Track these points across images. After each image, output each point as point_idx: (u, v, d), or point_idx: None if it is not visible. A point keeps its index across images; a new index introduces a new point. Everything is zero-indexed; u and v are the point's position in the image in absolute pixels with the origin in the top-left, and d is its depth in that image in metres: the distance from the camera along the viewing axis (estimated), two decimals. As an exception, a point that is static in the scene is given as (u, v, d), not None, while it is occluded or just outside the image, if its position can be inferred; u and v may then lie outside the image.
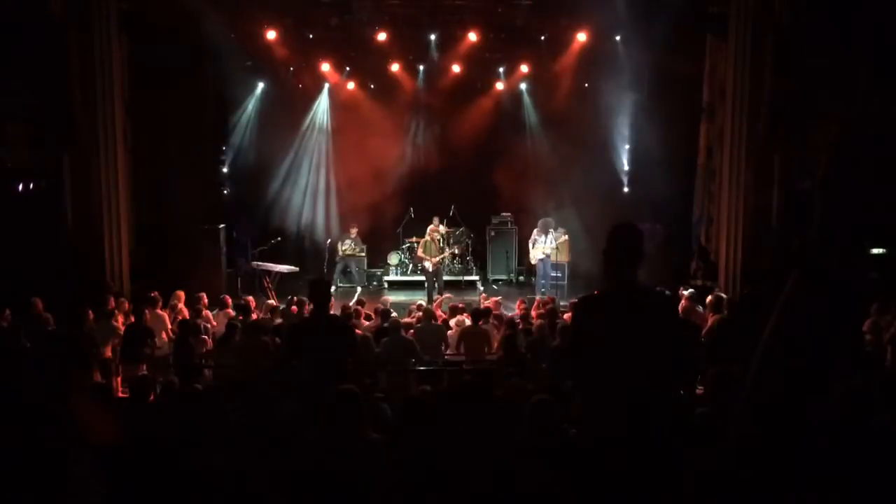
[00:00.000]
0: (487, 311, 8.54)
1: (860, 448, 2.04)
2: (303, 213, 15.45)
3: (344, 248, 13.71)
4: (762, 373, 2.02)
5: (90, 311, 8.17)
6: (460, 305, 9.55)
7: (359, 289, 13.29)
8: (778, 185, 10.35)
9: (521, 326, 7.90)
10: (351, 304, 9.89)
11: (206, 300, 9.42)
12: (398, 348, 6.92)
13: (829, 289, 2.00)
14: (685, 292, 9.34)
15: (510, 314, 9.27)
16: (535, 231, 13.01)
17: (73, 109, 10.20)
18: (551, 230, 12.80)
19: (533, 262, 13.14)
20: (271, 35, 13.03)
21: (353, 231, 13.98)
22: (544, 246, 12.72)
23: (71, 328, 7.50)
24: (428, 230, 12.79)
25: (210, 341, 8.14)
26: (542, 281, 12.94)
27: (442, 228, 12.83)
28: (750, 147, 10.46)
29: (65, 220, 10.30)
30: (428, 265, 12.44)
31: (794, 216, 10.04)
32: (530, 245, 13.11)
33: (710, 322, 7.92)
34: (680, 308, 8.64)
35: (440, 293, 12.26)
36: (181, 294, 9.44)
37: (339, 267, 13.67)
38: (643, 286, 3.08)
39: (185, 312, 8.95)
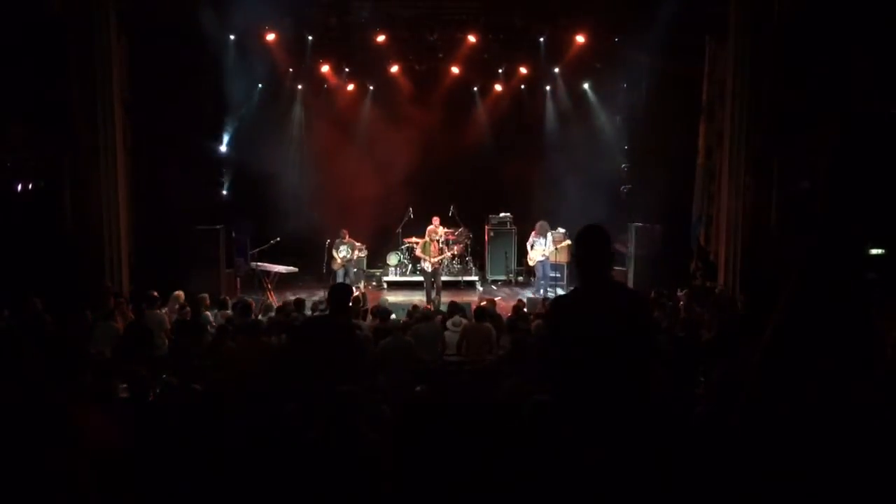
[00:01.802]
0: (490, 309, 8.54)
1: (862, 448, 2.04)
2: (302, 214, 15.44)
3: (341, 255, 13.26)
4: (764, 372, 2.02)
5: (89, 312, 8.17)
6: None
7: (354, 289, 13.13)
8: (777, 185, 10.35)
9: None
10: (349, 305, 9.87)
11: (207, 300, 9.41)
12: (398, 349, 6.91)
13: (830, 290, 2.01)
14: (680, 293, 9.36)
15: (508, 315, 9.26)
16: (532, 234, 13.03)
17: (72, 109, 10.19)
18: (549, 233, 12.82)
19: (531, 263, 13.15)
20: (270, 36, 13.04)
21: (346, 234, 13.47)
22: (543, 248, 12.73)
23: (70, 328, 7.50)
24: (427, 231, 12.79)
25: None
26: (542, 281, 12.94)
27: (441, 230, 12.73)
28: (749, 147, 10.46)
29: (64, 221, 10.29)
30: (427, 265, 12.43)
31: (793, 217, 10.04)
32: (528, 247, 13.12)
33: (709, 323, 7.92)
34: (681, 308, 8.65)
35: (438, 294, 12.24)
36: (181, 294, 9.43)
37: (339, 273, 13.31)
38: (615, 285, 3.12)
39: (185, 312, 8.94)
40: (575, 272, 3.21)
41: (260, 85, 14.57)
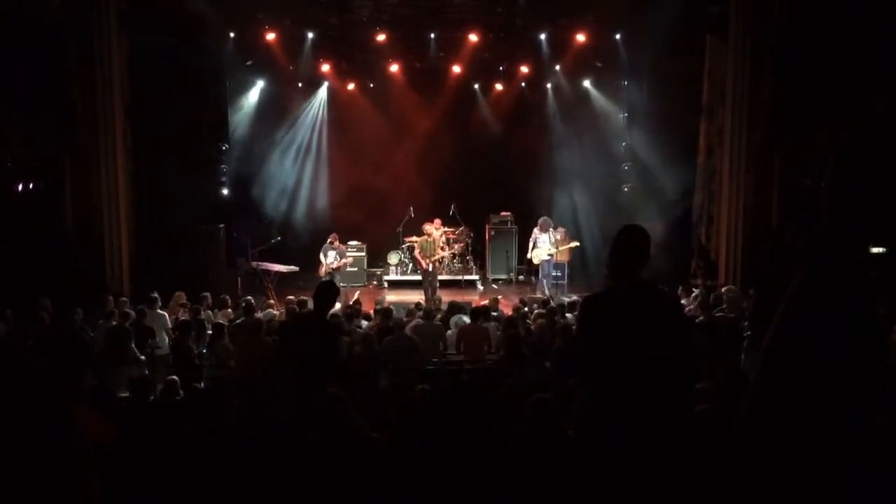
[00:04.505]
0: (486, 308, 8.53)
1: (863, 447, 2.04)
2: (302, 213, 15.44)
3: (328, 261, 12.48)
4: (766, 370, 2.02)
5: (90, 311, 8.18)
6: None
7: (357, 293, 12.82)
8: (777, 184, 10.36)
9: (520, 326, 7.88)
10: (351, 301, 9.89)
11: (209, 300, 9.41)
12: (401, 347, 6.91)
13: (833, 289, 2.01)
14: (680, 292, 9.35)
15: (509, 313, 9.27)
16: (535, 230, 13.01)
17: (73, 109, 10.19)
18: (550, 229, 12.81)
19: (536, 261, 13.06)
20: (271, 35, 13.03)
21: (335, 240, 12.75)
22: (547, 246, 12.72)
23: (70, 328, 7.50)
24: (424, 230, 12.64)
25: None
26: (545, 280, 12.94)
27: (436, 233, 12.56)
28: (750, 146, 10.46)
29: (65, 220, 10.30)
30: (426, 263, 12.34)
31: (793, 215, 10.05)
32: (530, 244, 13.10)
33: (706, 320, 7.91)
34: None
35: (434, 293, 12.15)
36: (182, 295, 9.43)
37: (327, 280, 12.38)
38: (648, 284, 3.08)
39: (186, 312, 8.95)
40: (608, 269, 3.14)
41: (260, 83, 14.56)
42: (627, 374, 2.88)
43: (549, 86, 15.60)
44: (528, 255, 13.31)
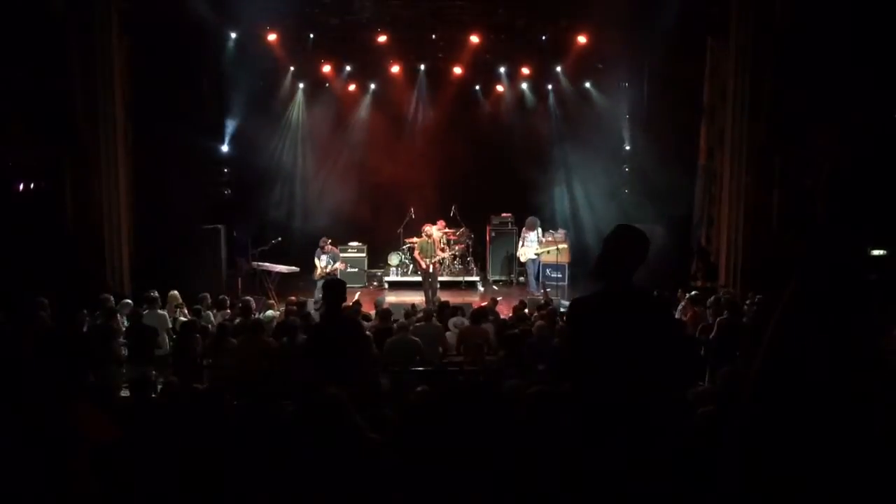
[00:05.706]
0: (487, 310, 8.52)
1: (863, 448, 2.04)
2: (303, 213, 15.43)
3: (322, 264, 12.33)
4: (765, 372, 2.02)
5: (90, 311, 8.17)
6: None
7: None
8: (778, 185, 10.35)
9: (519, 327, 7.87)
10: (350, 303, 9.88)
11: (208, 300, 9.41)
12: (403, 349, 6.91)
13: (831, 291, 2.01)
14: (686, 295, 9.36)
15: (508, 315, 9.26)
16: (523, 229, 13.11)
17: (73, 109, 10.18)
18: (538, 228, 12.88)
19: (523, 259, 13.22)
20: (271, 36, 13.04)
21: (325, 244, 12.50)
22: (535, 245, 12.81)
23: (70, 328, 7.50)
24: (423, 231, 12.62)
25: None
26: (535, 279, 12.98)
27: (436, 233, 12.50)
28: (750, 148, 10.46)
29: (65, 220, 10.29)
30: (425, 264, 12.31)
31: (794, 217, 10.04)
32: (520, 243, 13.22)
33: (713, 323, 7.91)
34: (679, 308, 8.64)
35: (435, 294, 12.14)
36: (176, 294, 9.42)
37: (319, 284, 11.96)
38: (638, 288, 3.04)
39: (185, 312, 8.94)
40: (598, 270, 3.07)
41: (261, 84, 14.56)
42: (617, 378, 2.85)
43: (549, 87, 15.61)
44: (517, 254, 13.46)
